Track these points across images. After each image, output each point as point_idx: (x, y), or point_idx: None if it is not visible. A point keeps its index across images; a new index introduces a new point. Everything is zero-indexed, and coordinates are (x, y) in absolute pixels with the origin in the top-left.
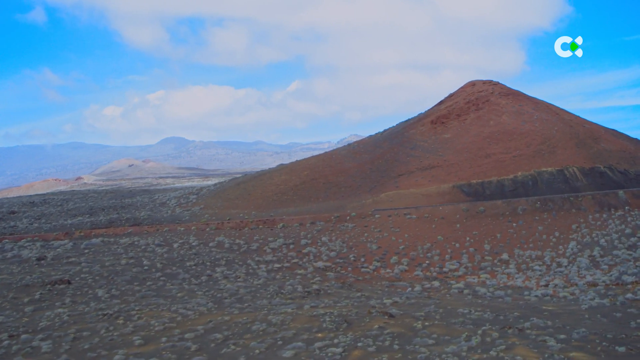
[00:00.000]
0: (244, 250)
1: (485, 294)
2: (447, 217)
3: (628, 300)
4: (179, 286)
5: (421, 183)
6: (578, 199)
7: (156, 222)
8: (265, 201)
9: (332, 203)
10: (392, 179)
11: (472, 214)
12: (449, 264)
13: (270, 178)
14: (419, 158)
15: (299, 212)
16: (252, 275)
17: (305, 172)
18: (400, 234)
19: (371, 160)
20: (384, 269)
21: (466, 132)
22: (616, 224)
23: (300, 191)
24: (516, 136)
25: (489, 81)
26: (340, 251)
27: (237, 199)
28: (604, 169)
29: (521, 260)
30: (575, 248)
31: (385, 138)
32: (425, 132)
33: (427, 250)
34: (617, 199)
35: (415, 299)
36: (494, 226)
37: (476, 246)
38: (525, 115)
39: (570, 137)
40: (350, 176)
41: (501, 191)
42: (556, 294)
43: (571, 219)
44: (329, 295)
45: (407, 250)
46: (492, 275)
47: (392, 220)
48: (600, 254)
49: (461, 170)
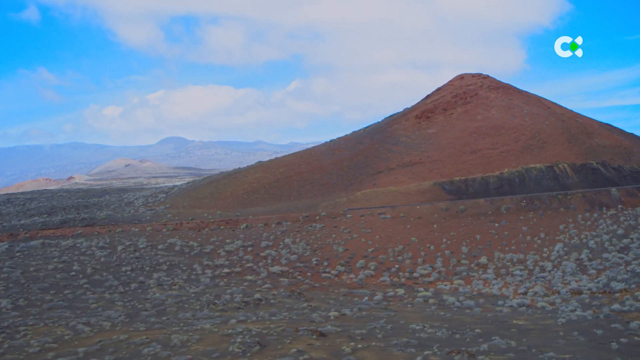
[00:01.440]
0: (195, 253)
1: (453, 303)
2: (424, 216)
3: (614, 313)
4: (99, 295)
5: (400, 180)
6: (567, 197)
7: (113, 223)
8: (235, 200)
9: (304, 202)
10: (370, 176)
11: (451, 214)
12: (420, 269)
13: (245, 176)
14: (401, 154)
15: (267, 211)
16: (192, 282)
17: (281, 169)
18: (371, 236)
19: (350, 157)
20: (348, 274)
21: (452, 127)
22: (607, 224)
23: (272, 189)
24: (504, 131)
25: (479, 74)
26: (302, 254)
27: (206, 198)
28: (597, 165)
29: (501, 264)
30: (561, 250)
31: (367, 134)
32: (409, 127)
33: (398, 253)
34: (609, 197)
35: (368, 311)
36: (475, 227)
37: (453, 249)
38: (515, 109)
39: (561, 132)
40: (326, 173)
41: (485, 189)
42: (534, 303)
43: (559, 219)
44: (269, 306)
45: (377, 254)
46: (467, 281)
47: (364, 220)
48: (588, 257)
49: (444, 166)
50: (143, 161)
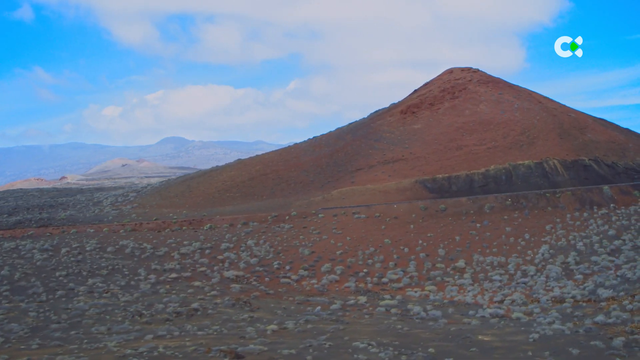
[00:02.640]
0: (146, 256)
1: (418, 314)
2: (402, 216)
3: (596, 326)
4: (14, 305)
5: (380, 178)
6: (555, 195)
7: (71, 223)
8: (205, 199)
9: (277, 201)
10: (348, 174)
11: (430, 213)
12: (390, 273)
13: (220, 174)
14: (383, 151)
15: (237, 211)
16: (129, 289)
17: (258, 167)
18: (341, 237)
19: (330, 153)
20: (310, 280)
21: (438, 123)
22: (598, 224)
23: (245, 188)
24: (493, 126)
25: (468, 68)
26: (264, 257)
27: (176, 196)
28: (589, 161)
29: (480, 268)
30: (546, 253)
31: (350, 130)
32: (393, 123)
33: (368, 256)
34: (601, 196)
35: (315, 323)
36: (455, 227)
37: (429, 251)
38: (504, 104)
39: (552, 127)
40: (303, 171)
41: (470, 187)
42: (509, 313)
43: (546, 219)
44: (204, 318)
45: (345, 256)
46: (441, 287)
47: (336, 220)
48: (575, 260)
49: (427, 163)
50: (140, 161)
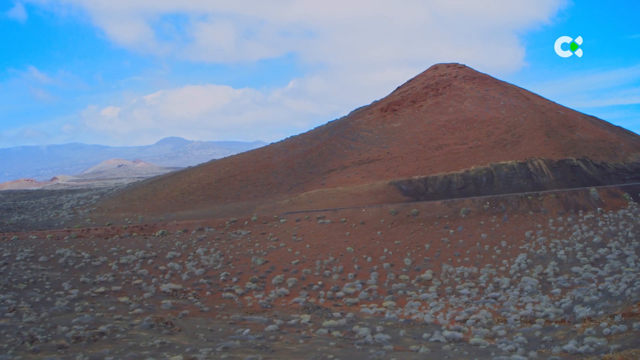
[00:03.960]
0: (81, 266)
1: (363, 337)
2: (370, 221)
3: (564, 356)
4: None
5: (353, 180)
6: (538, 198)
7: (19, 229)
8: (168, 202)
9: (241, 204)
10: (320, 175)
11: (401, 218)
12: (348, 286)
13: (188, 175)
14: (359, 150)
15: (196, 215)
16: (40, 306)
17: (228, 168)
18: (301, 244)
19: (303, 153)
20: (257, 293)
21: (419, 121)
22: (583, 230)
23: (211, 190)
24: (477, 124)
25: (454, 64)
26: (211, 267)
27: (138, 200)
28: (577, 161)
29: (448, 280)
30: (523, 263)
31: (327, 129)
32: (373, 121)
33: (327, 266)
34: (587, 198)
35: (234, 352)
36: (425, 233)
37: (394, 260)
38: (490, 100)
39: (540, 125)
40: (273, 172)
41: (448, 189)
42: (468, 337)
43: (526, 224)
44: (106, 344)
45: (301, 266)
46: (401, 302)
47: (299, 226)
48: (555, 271)
49: (404, 164)
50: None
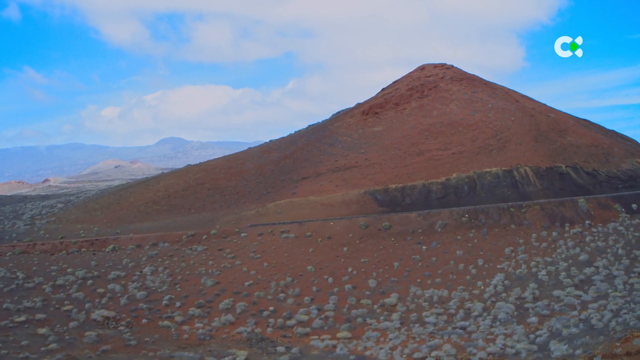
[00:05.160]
0: (10, 289)
1: None
2: (337, 236)
3: None
4: None
5: (326, 189)
6: (521, 210)
7: None
8: (129, 213)
9: (205, 215)
10: (292, 184)
11: (371, 232)
12: (302, 312)
13: (157, 182)
14: (335, 157)
15: (154, 227)
16: None
17: (198, 175)
18: (258, 263)
19: (277, 159)
20: (200, 321)
21: (401, 124)
22: (568, 246)
23: (176, 199)
24: (462, 128)
25: (442, 64)
26: (156, 290)
27: (101, 209)
28: (566, 168)
29: (414, 305)
30: (500, 285)
31: (305, 133)
32: (353, 125)
33: (282, 289)
34: (575, 210)
35: None
36: (396, 250)
37: (357, 281)
38: (477, 103)
39: (528, 129)
40: (244, 180)
41: (426, 199)
42: None
43: (507, 239)
44: None
45: (254, 289)
46: (359, 332)
47: (260, 241)
48: (534, 294)
49: (382, 171)
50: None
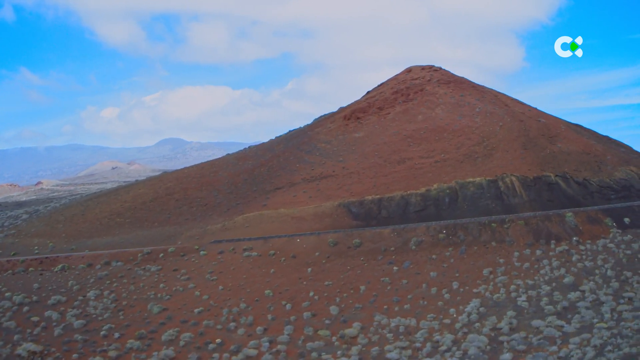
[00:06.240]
0: None
1: None
2: (303, 254)
3: None
4: None
5: (299, 200)
6: (504, 225)
7: None
8: (91, 226)
9: (168, 229)
10: (264, 195)
11: (340, 250)
12: (252, 345)
13: (127, 192)
14: (312, 165)
15: (112, 243)
16: None
17: (169, 184)
18: (213, 286)
19: (251, 168)
20: (138, 355)
21: (383, 130)
22: (553, 266)
23: (142, 212)
24: (447, 134)
25: (429, 66)
26: (96, 318)
27: (63, 222)
28: (555, 178)
29: (377, 337)
30: (474, 313)
31: (285, 139)
32: (333, 131)
33: (234, 317)
34: (562, 225)
35: None
36: (365, 271)
37: (318, 308)
38: (465, 107)
39: (517, 136)
40: (214, 190)
41: (404, 212)
42: None
43: (486, 259)
44: None
45: (204, 316)
46: None
47: (219, 260)
48: (510, 325)
49: (360, 181)
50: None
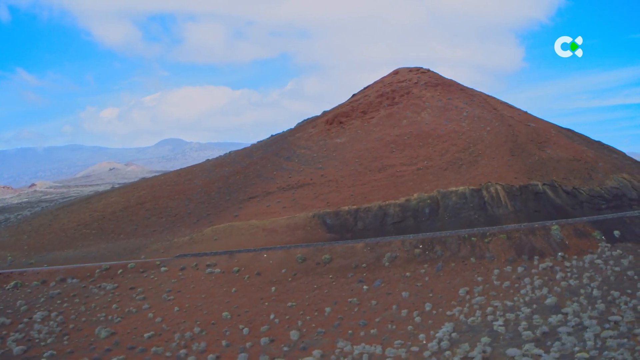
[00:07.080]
0: None
1: None
2: (268, 271)
3: None
4: None
5: (272, 210)
6: (484, 240)
7: None
8: (55, 237)
9: (133, 241)
10: (236, 204)
11: (309, 267)
12: None
13: (98, 201)
14: (290, 172)
15: (75, 256)
16: None
17: (142, 192)
18: (168, 307)
19: (228, 175)
20: None
21: (366, 136)
22: (535, 285)
23: (110, 222)
24: (431, 140)
25: (417, 68)
26: (38, 343)
27: (29, 233)
28: (543, 187)
29: None
30: (446, 339)
31: (264, 144)
32: (314, 136)
33: (187, 343)
34: (547, 239)
35: None
36: (332, 290)
37: (278, 332)
38: (452, 111)
39: (504, 141)
40: (186, 199)
41: (381, 223)
42: None
43: (464, 277)
44: None
45: (153, 342)
46: None
47: (180, 277)
48: (484, 353)
49: (338, 189)
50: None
